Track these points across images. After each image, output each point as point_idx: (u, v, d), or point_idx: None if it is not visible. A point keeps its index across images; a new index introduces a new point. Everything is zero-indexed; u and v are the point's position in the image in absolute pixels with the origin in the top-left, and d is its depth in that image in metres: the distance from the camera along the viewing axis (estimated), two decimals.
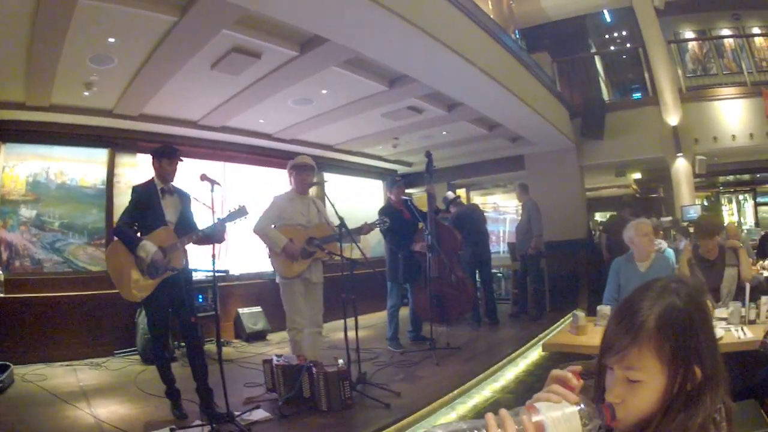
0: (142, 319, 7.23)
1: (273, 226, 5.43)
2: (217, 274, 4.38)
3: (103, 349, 7.40)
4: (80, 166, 7.86)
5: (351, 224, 5.38)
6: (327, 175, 11.08)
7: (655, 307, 1.19)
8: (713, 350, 1.20)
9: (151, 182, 4.81)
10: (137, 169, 8.31)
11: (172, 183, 4.83)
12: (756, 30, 12.15)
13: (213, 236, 4.56)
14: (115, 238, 4.72)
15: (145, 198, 4.71)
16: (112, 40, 5.52)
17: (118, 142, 8.16)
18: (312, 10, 4.89)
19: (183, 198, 4.87)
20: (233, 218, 4.69)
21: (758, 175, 14.60)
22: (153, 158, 4.83)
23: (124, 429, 4.40)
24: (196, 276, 5.16)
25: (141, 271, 4.52)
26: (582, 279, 10.88)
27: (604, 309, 4.18)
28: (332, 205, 5.35)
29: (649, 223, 4.71)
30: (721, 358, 1.22)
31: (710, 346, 1.20)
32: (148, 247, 4.46)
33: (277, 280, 5.55)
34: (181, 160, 4.88)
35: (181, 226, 4.73)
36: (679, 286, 1.24)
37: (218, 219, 4.55)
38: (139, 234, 4.64)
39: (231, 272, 8.23)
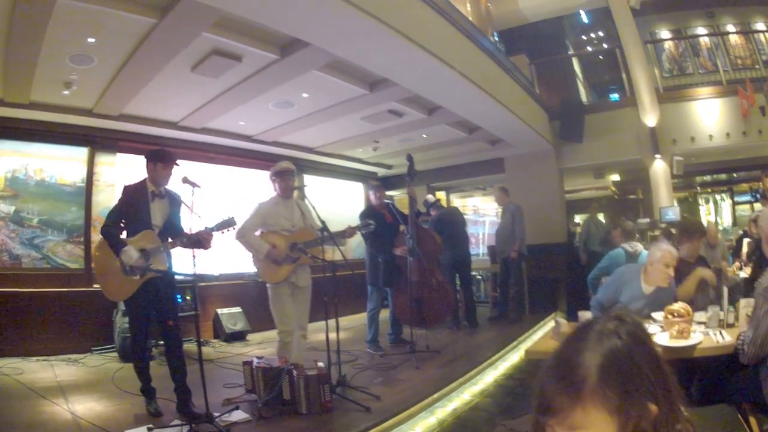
0: (119, 318, 7.26)
1: (259, 231, 5.41)
2: (195, 276, 4.37)
3: (81, 345, 7.39)
4: (60, 164, 7.82)
5: (331, 226, 5.38)
6: (307, 178, 11.08)
7: (596, 357, 1.12)
8: (664, 381, 1.16)
9: (142, 184, 4.76)
10: (117, 168, 8.31)
11: (164, 187, 4.80)
12: (730, 27, 12.29)
13: (199, 243, 4.55)
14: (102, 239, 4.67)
15: (135, 200, 4.68)
16: (91, 40, 5.50)
17: (98, 141, 8.14)
18: (291, 14, 4.89)
19: (173, 201, 4.83)
20: (221, 227, 4.69)
21: (735, 175, 14.73)
22: (147, 161, 4.78)
23: (101, 426, 4.37)
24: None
25: (124, 271, 4.49)
26: (561, 282, 10.94)
27: (587, 314, 4.11)
28: (314, 209, 5.39)
29: (675, 256, 4.51)
30: (674, 381, 1.19)
31: (660, 378, 1.15)
32: (131, 253, 4.42)
33: (267, 284, 5.53)
34: (177, 165, 4.83)
35: (167, 231, 4.70)
36: (618, 326, 1.18)
37: (206, 227, 4.54)
38: (125, 234, 4.62)
39: (210, 273, 8.27)
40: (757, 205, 13.95)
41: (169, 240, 4.59)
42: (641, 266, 4.53)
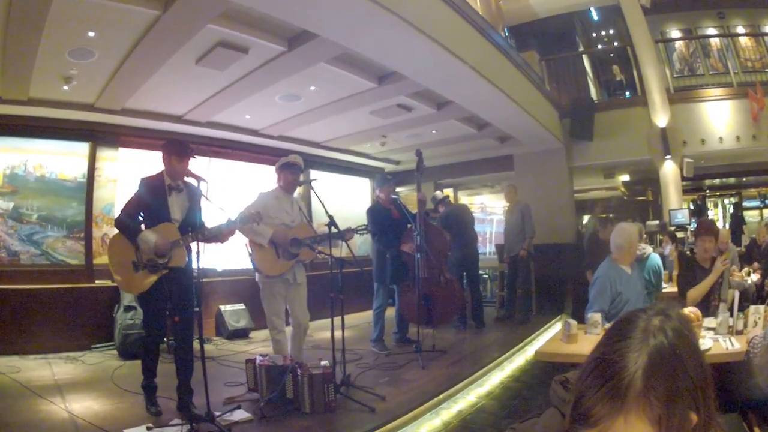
0: (121, 314, 7.18)
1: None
2: (198, 271, 4.30)
3: (80, 343, 7.27)
4: (60, 159, 7.74)
5: (337, 222, 5.29)
6: (314, 173, 11.00)
7: (641, 358, 1.00)
8: (706, 387, 1.05)
9: (159, 177, 4.65)
10: (119, 163, 8.23)
11: (181, 180, 4.68)
12: (740, 28, 12.18)
13: (217, 237, 4.52)
14: (117, 231, 4.60)
15: (151, 193, 4.58)
16: (92, 34, 5.42)
17: (100, 135, 8.05)
18: (299, 4, 4.83)
19: (192, 195, 4.69)
20: (245, 222, 4.69)
21: (744, 179, 14.61)
22: (162, 154, 4.65)
23: (99, 425, 4.30)
24: None
25: (140, 265, 4.42)
26: (568, 283, 10.80)
27: (596, 317, 4.12)
28: (322, 204, 5.27)
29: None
30: (713, 386, 1.08)
31: (704, 383, 1.05)
32: (148, 237, 4.35)
33: (257, 279, 5.49)
34: (194, 158, 4.70)
35: (187, 225, 4.60)
36: (664, 321, 1.07)
37: (229, 219, 4.51)
38: (143, 227, 4.54)
39: (213, 268, 8.19)
40: (766, 211, 13.86)
41: (190, 233, 4.50)
42: (610, 260, 4.62)
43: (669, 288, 6.45)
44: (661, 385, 0.98)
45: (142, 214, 4.57)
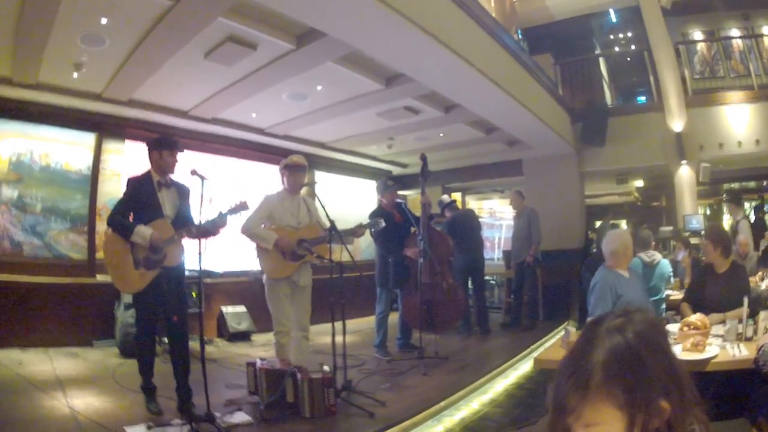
0: (121, 312, 7.14)
1: (263, 226, 5.34)
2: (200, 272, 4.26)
3: (81, 338, 7.23)
4: (66, 149, 7.67)
5: (342, 224, 5.28)
6: (318, 174, 10.97)
7: (600, 354, 1.17)
8: (677, 378, 1.19)
9: (147, 175, 4.65)
10: (124, 156, 8.19)
11: (170, 176, 4.68)
12: (766, 29, 11.90)
13: (209, 231, 4.47)
14: (110, 230, 4.57)
15: (141, 191, 4.57)
16: (104, 20, 5.40)
17: (106, 127, 8.00)
18: (310, 3, 4.80)
19: (181, 192, 4.72)
20: (235, 212, 4.63)
21: (765, 183, 14.40)
22: (151, 149, 4.64)
23: (100, 422, 4.28)
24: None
25: (136, 263, 4.42)
26: (576, 290, 10.68)
27: None
28: (323, 207, 5.27)
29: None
30: (688, 380, 1.22)
31: (672, 375, 1.18)
32: (144, 231, 4.35)
33: (264, 279, 5.45)
34: (182, 152, 4.71)
35: (179, 221, 4.60)
36: (625, 323, 1.23)
37: (220, 212, 4.48)
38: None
39: (215, 269, 8.15)
40: None
41: (184, 228, 4.49)
42: (606, 267, 4.62)
43: (678, 295, 6.30)
44: (619, 377, 1.14)
45: (133, 213, 4.56)
